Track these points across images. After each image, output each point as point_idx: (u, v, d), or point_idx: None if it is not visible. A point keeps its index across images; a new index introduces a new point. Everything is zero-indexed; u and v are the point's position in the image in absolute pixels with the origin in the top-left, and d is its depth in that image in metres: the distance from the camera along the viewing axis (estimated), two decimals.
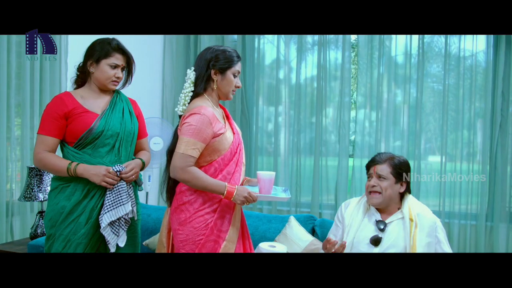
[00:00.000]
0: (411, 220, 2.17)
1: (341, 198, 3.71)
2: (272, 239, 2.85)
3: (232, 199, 1.96)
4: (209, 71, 2.05)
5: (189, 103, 2.06)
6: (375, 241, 2.16)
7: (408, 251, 2.11)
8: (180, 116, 2.08)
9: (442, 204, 3.48)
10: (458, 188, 3.47)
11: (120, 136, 2.17)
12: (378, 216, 2.22)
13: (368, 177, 2.28)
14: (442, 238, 2.19)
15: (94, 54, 2.15)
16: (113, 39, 2.20)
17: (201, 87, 2.05)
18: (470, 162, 3.48)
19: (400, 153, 3.63)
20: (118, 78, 2.19)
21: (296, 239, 2.79)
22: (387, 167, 2.21)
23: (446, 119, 3.52)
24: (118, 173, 2.12)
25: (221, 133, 2.00)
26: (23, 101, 2.95)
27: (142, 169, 2.27)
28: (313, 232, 2.83)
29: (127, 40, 2.29)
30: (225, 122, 2.10)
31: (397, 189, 2.22)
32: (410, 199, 2.26)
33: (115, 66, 2.17)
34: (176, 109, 2.10)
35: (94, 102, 2.18)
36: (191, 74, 2.07)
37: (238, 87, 2.12)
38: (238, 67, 2.09)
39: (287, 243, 2.76)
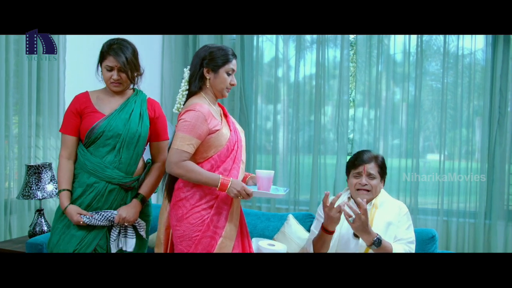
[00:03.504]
0: (375, 207, 2.28)
1: None
2: (270, 237, 2.85)
3: (226, 191, 1.97)
4: (202, 70, 2.06)
5: (186, 102, 2.08)
6: (355, 234, 2.22)
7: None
8: None
9: (440, 202, 3.48)
10: (457, 186, 3.47)
11: (123, 137, 2.17)
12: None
13: (355, 176, 2.34)
14: (403, 223, 2.26)
15: (99, 57, 2.22)
16: (110, 40, 2.20)
17: (195, 85, 2.07)
18: (468, 160, 3.48)
19: (399, 151, 3.64)
20: (115, 80, 2.18)
21: (294, 237, 2.80)
22: (375, 166, 2.31)
23: (445, 117, 3.52)
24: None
25: (217, 130, 2.01)
26: (21, 99, 2.95)
27: (145, 200, 2.29)
28: None
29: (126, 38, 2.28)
30: (221, 120, 2.10)
31: (381, 186, 2.34)
32: (383, 193, 2.36)
33: (110, 69, 2.17)
34: (174, 109, 2.12)
35: (107, 103, 2.23)
36: (185, 73, 2.09)
37: (233, 85, 2.11)
38: (232, 65, 2.08)
39: (286, 241, 2.76)
